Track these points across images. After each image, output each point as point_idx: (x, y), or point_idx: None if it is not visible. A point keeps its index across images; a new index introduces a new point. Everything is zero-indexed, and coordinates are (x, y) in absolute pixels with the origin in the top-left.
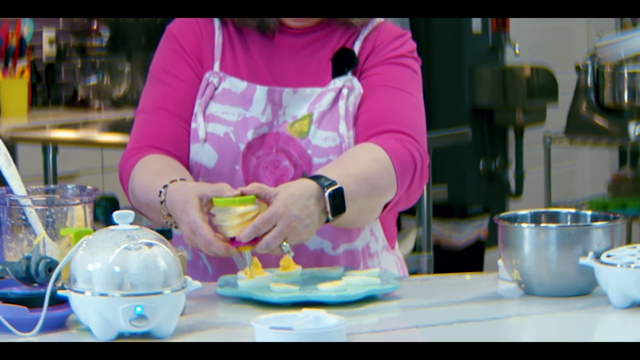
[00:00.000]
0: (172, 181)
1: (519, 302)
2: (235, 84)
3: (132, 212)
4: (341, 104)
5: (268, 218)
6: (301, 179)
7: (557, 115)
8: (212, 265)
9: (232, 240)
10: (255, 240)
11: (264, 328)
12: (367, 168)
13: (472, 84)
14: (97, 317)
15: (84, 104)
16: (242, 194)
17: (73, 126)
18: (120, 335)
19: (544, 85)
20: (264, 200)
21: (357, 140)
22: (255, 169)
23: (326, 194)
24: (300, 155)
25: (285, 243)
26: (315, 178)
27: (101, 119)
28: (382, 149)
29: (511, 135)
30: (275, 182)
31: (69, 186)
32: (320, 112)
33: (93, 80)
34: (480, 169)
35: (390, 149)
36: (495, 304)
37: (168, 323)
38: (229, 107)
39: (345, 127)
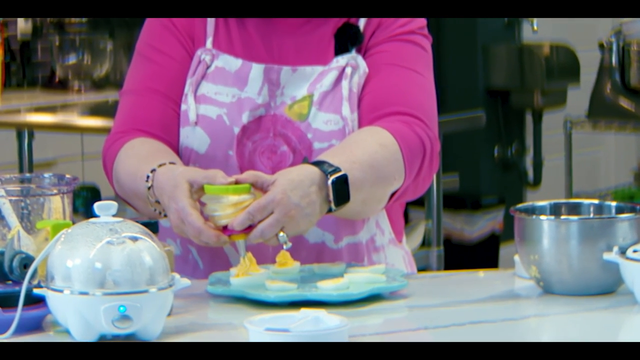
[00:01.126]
0: (160, 165)
1: (537, 301)
2: (229, 62)
3: (114, 203)
4: (344, 84)
5: (264, 205)
6: (302, 165)
7: (578, 98)
8: (203, 260)
9: (224, 229)
10: (249, 229)
11: (259, 330)
12: (373, 154)
13: (486, 63)
14: (76, 317)
15: (63, 85)
16: (237, 182)
17: (50, 109)
18: (102, 337)
19: (564, 65)
20: (260, 189)
21: (361, 123)
22: (251, 155)
23: (329, 181)
24: (300, 140)
25: (282, 233)
26: (318, 164)
27: (81, 102)
28: (389, 133)
29: (529, 119)
30: (273, 168)
31: (46, 175)
32: (322, 93)
33: (72, 59)
34: (494, 156)
35: (398, 132)
36: (511, 304)
37: (154, 324)
38: (222, 87)
39: (349, 109)
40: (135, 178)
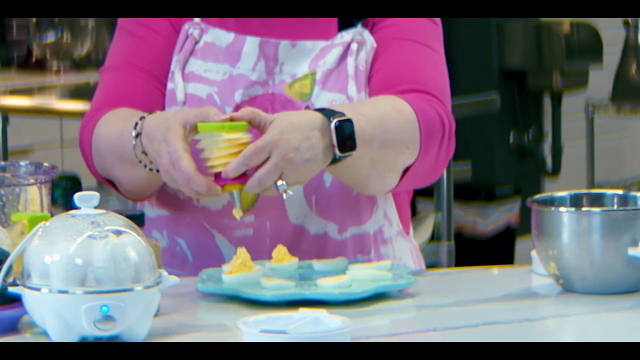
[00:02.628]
0: (151, 113)
1: (556, 301)
2: (220, 37)
3: (96, 194)
4: (350, 61)
5: (261, 146)
6: (303, 110)
7: (601, 79)
8: (192, 253)
9: (217, 178)
10: (244, 177)
11: (254, 331)
12: (384, 114)
13: (500, 42)
14: (55, 318)
15: (40, 66)
16: (232, 120)
17: (27, 92)
18: (83, 339)
19: (585, 44)
20: (257, 127)
21: None
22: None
23: (332, 125)
24: None
25: (281, 181)
26: (320, 110)
27: (60, 83)
28: (406, 102)
29: (547, 102)
30: None
31: (22, 163)
32: (325, 71)
33: (50, 38)
34: (510, 143)
35: (417, 105)
36: (527, 304)
37: (139, 326)
38: (212, 64)
39: (355, 88)
40: (121, 135)
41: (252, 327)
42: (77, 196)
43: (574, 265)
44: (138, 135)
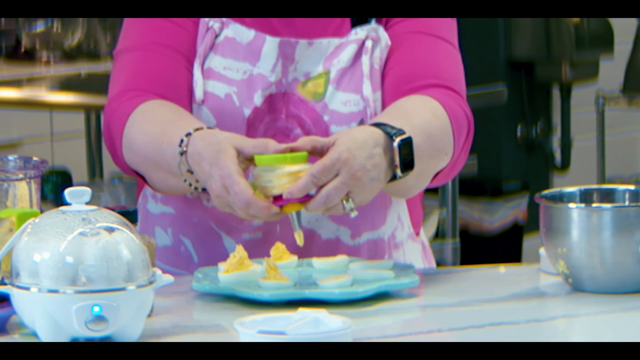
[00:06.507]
0: (197, 129)
1: (566, 300)
2: (241, 32)
3: (88, 190)
4: (364, 59)
5: (329, 165)
6: (361, 125)
7: (612, 70)
8: (198, 253)
9: (275, 199)
10: (305, 198)
11: (251, 332)
12: (428, 122)
13: (507, 31)
14: (44, 318)
15: (29, 56)
16: (292, 150)
17: (15, 83)
18: (74, 340)
19: (596, 33)
20: (319, 153)
21: (388, 100)
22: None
23: (395, 144)
24: (315, 122)
25: (348, 199)
26: (378, 125)
27: (50, 75)
28: (438, 102)
29: (556, 94)
30: None
31: (11, 157)
32: (339, 70)
33: (40, 27)
34: (517, 137)
35: (448, 105)
36: (536, 303)
37: (132, 326)
38: (232, 61)
39: (371, 88)
40: (161, 144)
41: (249, 328)
42: (67, 192)
43: (583, 264)
44: (184, 152)
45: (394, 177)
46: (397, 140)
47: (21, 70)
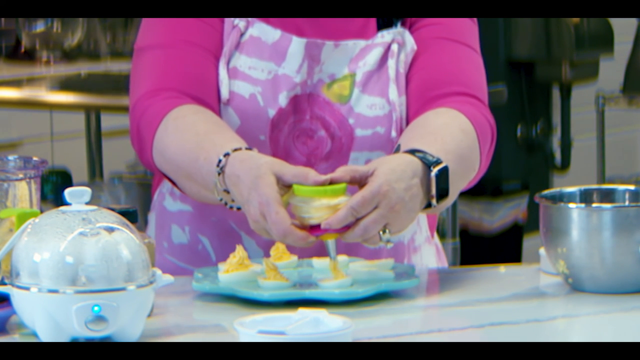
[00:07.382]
0: (235, 150)
1: (566, 300)
2: (266, 32)
3: (88, 189)
4: (391, 63)
5: (369, 198)
6: (399, 154)
7: (612, 70)
8: (216, 253)
9: (312, 228)
10: (344, 228)
11: (251, 332)
12: (459, 143)
13: (507, 31)
14: (45, 318)
15: (29, 56)
16: (332, 182)
17: (15, 83)
18: (74, 340)
19: (596, 33)
20: (358, 182)
21: (412, 106)
22: (286, 140)
23: (433, 174)
24: (340, 125)
25: (385, 230)
26: (415, 152)
27: (50, 75)
28: (466, 117)
29: (556, 94)
30: (308, 155)
31: (11, 157)
32: (365, 73)
33: (40, 27)
34: (517, 136)
35: (473, 117)
36: (536, 303)
37: (132, 326)
38: (257, 61)
39: (397, 92)
40: (197, 159)
41: (249, 328)
42: (67, 192)
43: (583, 264)
44: (221, 173)
45: (428, 205)
46: (435, 170)
47: (21, 70)
